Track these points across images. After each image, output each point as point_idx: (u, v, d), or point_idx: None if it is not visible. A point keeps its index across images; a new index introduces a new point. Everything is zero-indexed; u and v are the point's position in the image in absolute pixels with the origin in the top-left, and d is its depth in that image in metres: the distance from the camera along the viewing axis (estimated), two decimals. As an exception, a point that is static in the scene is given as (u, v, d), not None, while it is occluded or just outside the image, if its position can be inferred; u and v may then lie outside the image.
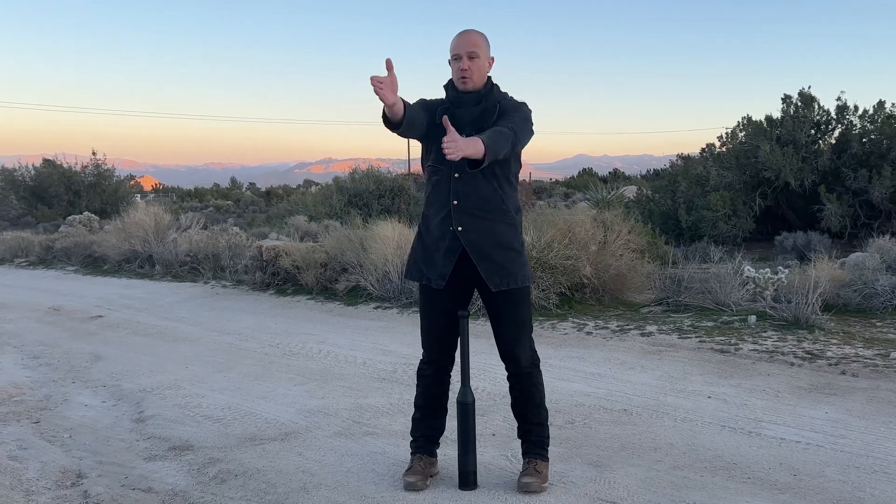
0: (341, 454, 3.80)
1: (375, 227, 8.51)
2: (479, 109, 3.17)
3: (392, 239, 7.97)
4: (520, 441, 3.41)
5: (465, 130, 3.04)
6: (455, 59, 3.16)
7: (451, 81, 3.24)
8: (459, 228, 3.16)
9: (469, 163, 2.97)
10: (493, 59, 3.24)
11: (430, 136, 3.19)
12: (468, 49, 3.13)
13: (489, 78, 3.24)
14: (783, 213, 16.36)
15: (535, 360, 3.32)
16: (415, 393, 3.47)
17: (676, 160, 28.55)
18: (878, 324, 6.25)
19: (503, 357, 3.31)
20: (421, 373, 3.42)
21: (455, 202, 3.16)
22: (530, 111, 3.24)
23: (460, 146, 2.83)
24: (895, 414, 4.08)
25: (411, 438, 3.47)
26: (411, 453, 3.44)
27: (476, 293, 3.40)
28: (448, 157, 2.85)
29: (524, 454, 3.37)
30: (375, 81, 2.83)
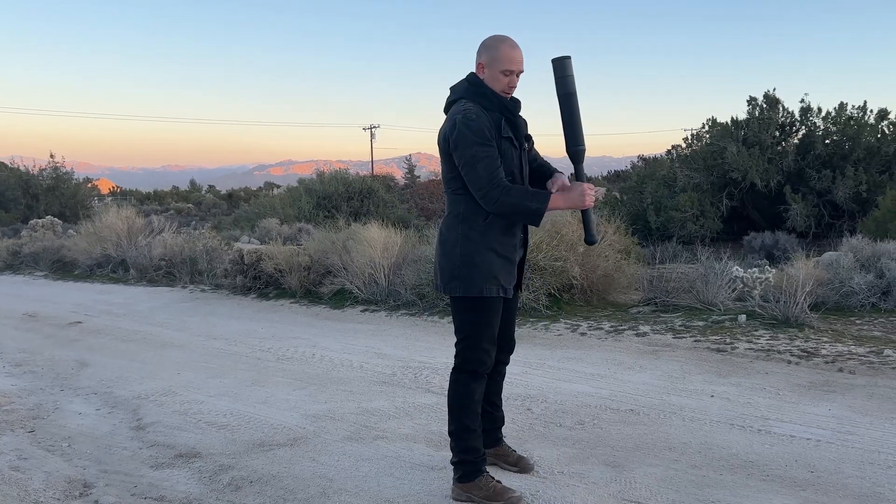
0: (356, 459, 3.77)
1: (364, 229, 8.44)
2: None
3: (379, 241, 7.92)
4: (498, 430, 3.52)
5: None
6: (509, 73, 3.07)
7: (488, 87, 3.10)
8: (522, 236, 3.27)
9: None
10: None
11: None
12: (523, 67, 3.11)
13: None
14: (749, 213, 16.68)
15: None
16: (460, 408, 3.19)
17: (637, 161, 28.93)
18: (858, 321, 6.39)
19: (507, 346, 3.42)
20: (481, 377, 3.21)
21: None
22: None
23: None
24: (897, 410, 4.17)
25: (471, 458, 3.20)
26: (480, 475, 3.19)
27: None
28: (587, 204, 3.12)
29: (500, 440, 3.53)
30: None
